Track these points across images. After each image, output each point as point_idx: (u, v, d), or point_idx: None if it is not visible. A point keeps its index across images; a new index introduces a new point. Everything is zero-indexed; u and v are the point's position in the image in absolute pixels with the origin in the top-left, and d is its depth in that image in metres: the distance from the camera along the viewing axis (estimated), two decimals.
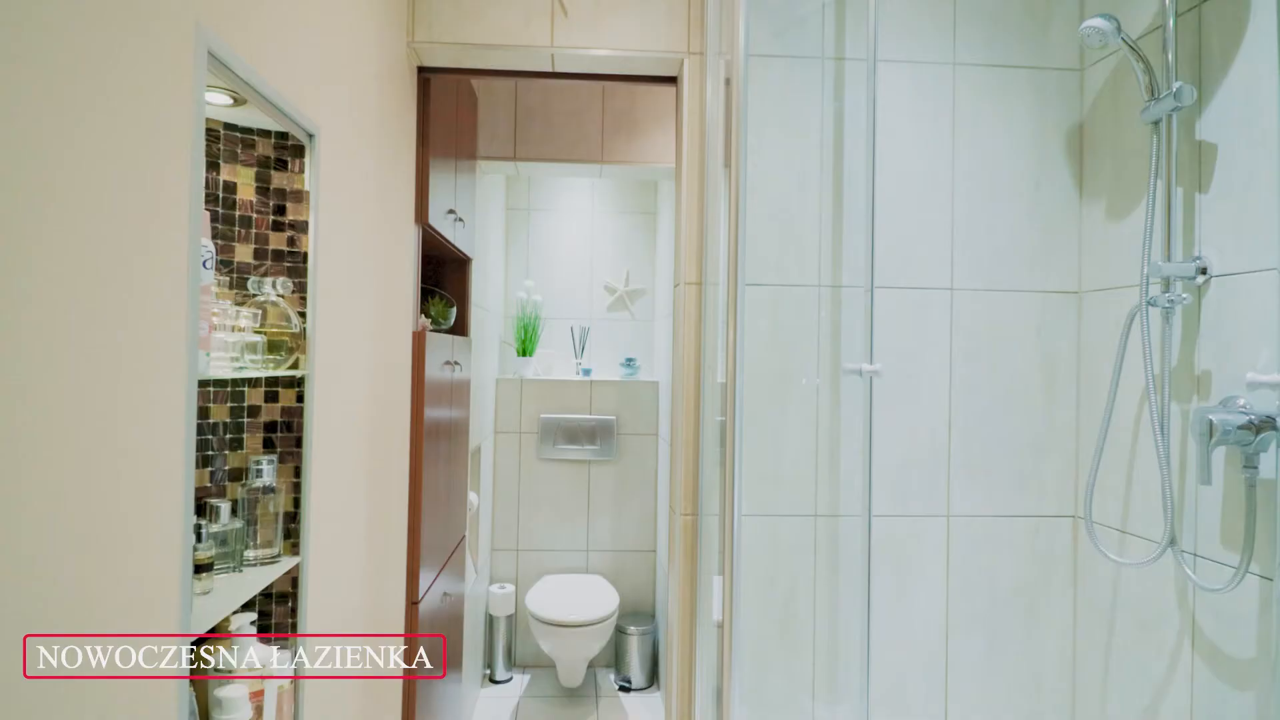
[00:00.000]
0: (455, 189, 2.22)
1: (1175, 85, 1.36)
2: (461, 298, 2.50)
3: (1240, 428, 1.17)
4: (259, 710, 1.01)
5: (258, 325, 1.05)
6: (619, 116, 2.65)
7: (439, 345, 2.02)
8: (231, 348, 0.97)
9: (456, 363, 2.26)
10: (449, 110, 2.08)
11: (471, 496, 2.69)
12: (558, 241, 3.41)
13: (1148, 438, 1.45)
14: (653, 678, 2.98)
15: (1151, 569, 1.43)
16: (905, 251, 1.69)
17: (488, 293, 2.94)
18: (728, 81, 1.59)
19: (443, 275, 2.49)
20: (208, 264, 0.89)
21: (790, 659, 1.67)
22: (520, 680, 3.03)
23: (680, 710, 1.71)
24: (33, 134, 0.56)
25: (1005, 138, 1.71)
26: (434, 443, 1.97)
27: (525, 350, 3.26)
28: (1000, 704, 1.68)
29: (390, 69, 1.57)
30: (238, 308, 1.06)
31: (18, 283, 0.55)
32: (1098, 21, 1.42)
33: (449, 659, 2.21)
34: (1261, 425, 1.15)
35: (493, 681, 3.00)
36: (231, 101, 0.99)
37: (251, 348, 1.01)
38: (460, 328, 2.47)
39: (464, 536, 2.49)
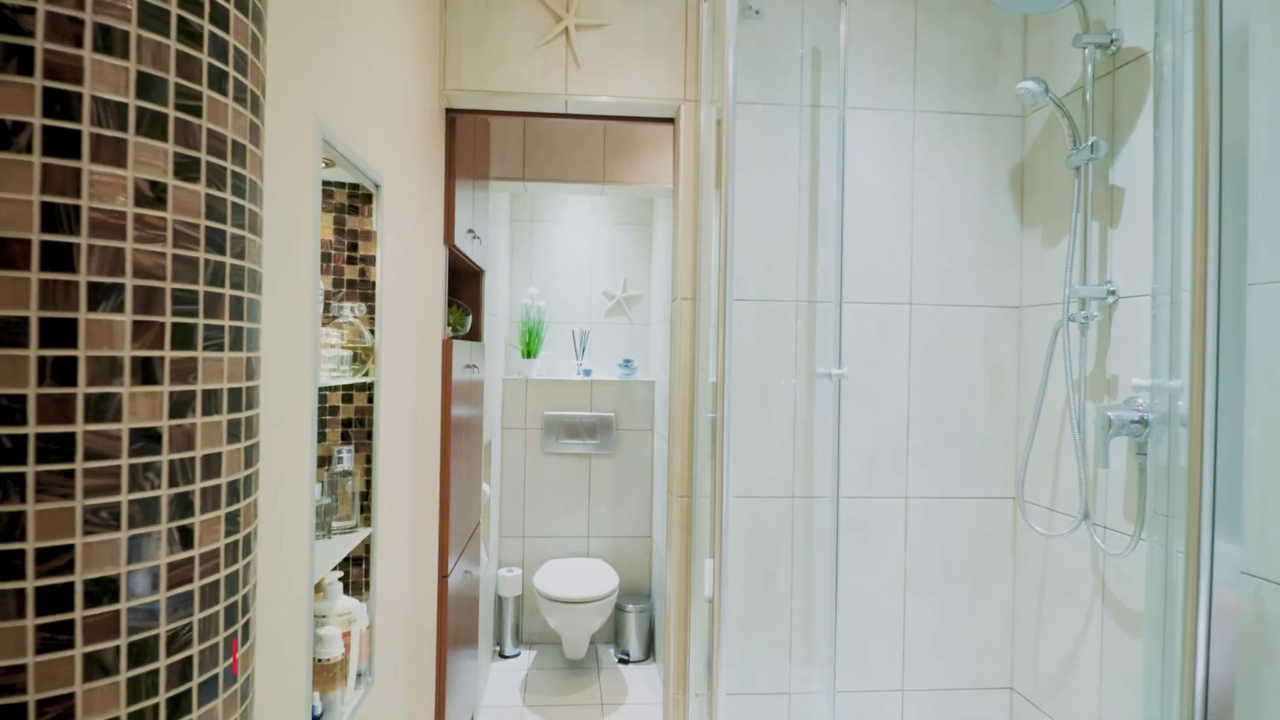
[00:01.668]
0: (473, 210, 2.47)
1: (1091, 139, 1.65)
2: (476, 306, 2.75)
3: (1133, 422, 1.45)
4: (347, 647, 1.27)
5: (343, 342, 1.31)
6: (619, 142, 2.91)
7: (461, 351, 2.27)
8: (329, 361, 1.22)
9: (474, 366, 2.52)
10: (468, 140, 2.33)
11: (485, 487, 2.95)
12: (559, 251, 3.67)
13: (1070, 431, 1.73)
14: (648, 651, 3.26)
15: (1070, 540, 1.72)
16: (871, 271, 1.96)
17: (496, 300, 3.19)
18: (718, 123, 1.85)
19: (459, 286, 2.74)
20: (320, 298, 1.14)
21: (771, 625, 1.94)
22: (528, 655, 3.30)
23: (676, 671, 1.98)
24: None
25: (958, 174, 1.98)
26: (458, 438, 2.23)
27: (529, 352, 3.52)
28: (950, 661, 1.97)
29: (427, 114, 1.82)
30: (325, 329, 1.31)
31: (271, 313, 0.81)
32: (1029, 84, 1.70)
33: (467, 633, 2.47)
34: (1147, 421, 1.44)
35: (502, 656, 3.27)
36: (324, 165, 1.25)
37: (341, 360, 1.27)
38: (475, 334, 2.73)
39: (479, 523, 2.75)
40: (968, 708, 1.96)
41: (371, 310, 1.40)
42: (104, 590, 0.48)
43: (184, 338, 0.52)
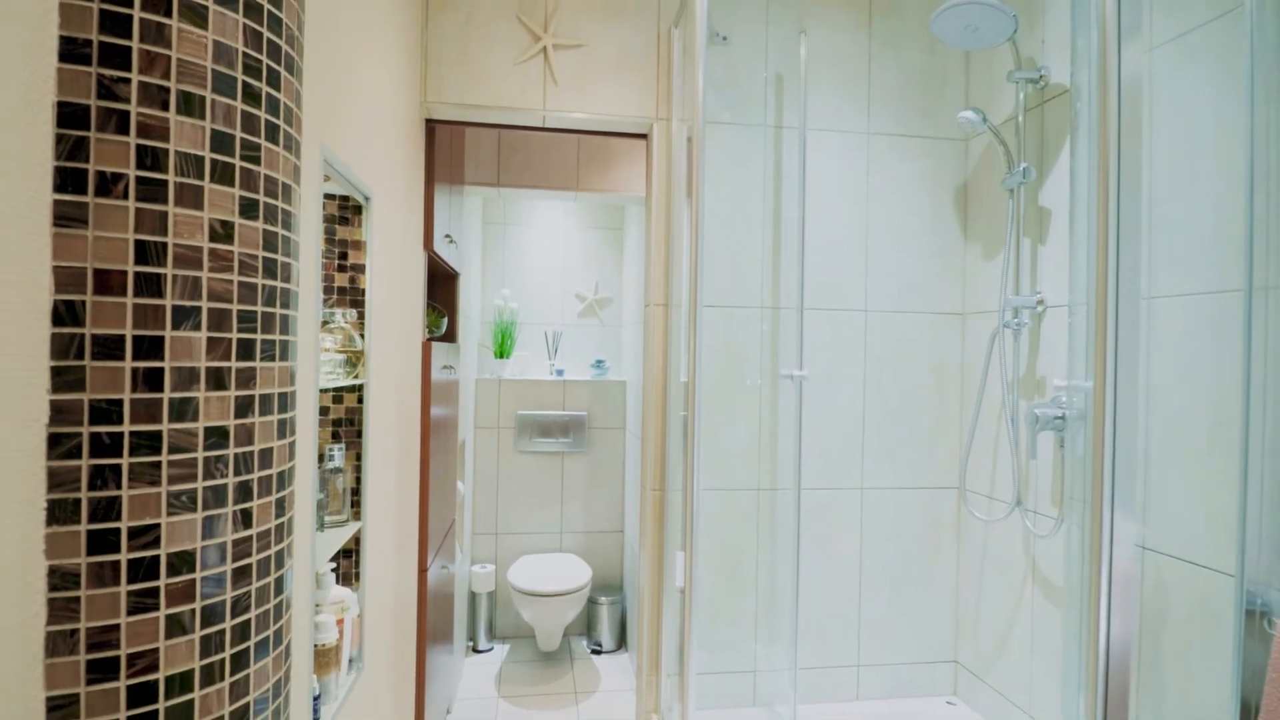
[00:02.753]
0: (450, 215, 2.55)
1: (1023, 164, 1.82)
2: (451, 308, 2.83)
3: (1055, 418, 1.62)
4: (341, 633, 1.35)
5: (336, 347, 1.39)
6: (593, 151, 3.02)
7: (439, 353, 2.36)
8: (325, 365, 1.31)
9: (451, 367, 2.60)
10: (445, 148, 2.41)
11: (459, 485, 3.03)
12: (532, 254, 3.76)
13: (1005, 426, 1.90)
14: (620, 642, 3.38)
15: (1005, 524, 1.89)
16: (829, 280, 2.11)
17: (470, 301, 3.27)
18: (689, 140, 1.98)
19: (435, 288, 2.81)
20: (320, 307, 1.23)
21: (737, 608, 2.08)
22: (501, 649, 3.38)
23: (650, 654, 2.10)
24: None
25: (908, 192, 2.14)
26: (435, 437, 2.31)
27: (502, 353, 3.60)
28: (901, 637, 2.13)
29: (409, 126, 1.91)
30: (320, 334, 1.39)
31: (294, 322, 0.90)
32: (969, 114, 1.87)
33: (443, 627, 2.56)
34: (1066, 417, 1.61)
35: (476, 651, 3.35)
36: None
37: (335, 364, 1.35)
38: (450, 335, 2.80)
39: (455, 520, 2.83)
40: (917, 680, 2.12)
41: (362, 316, 1.48)
42: (183, 562, 0.58)
43: (246, 351, 0.62)
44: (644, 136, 2.17)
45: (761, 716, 2.06)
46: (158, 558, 0.56)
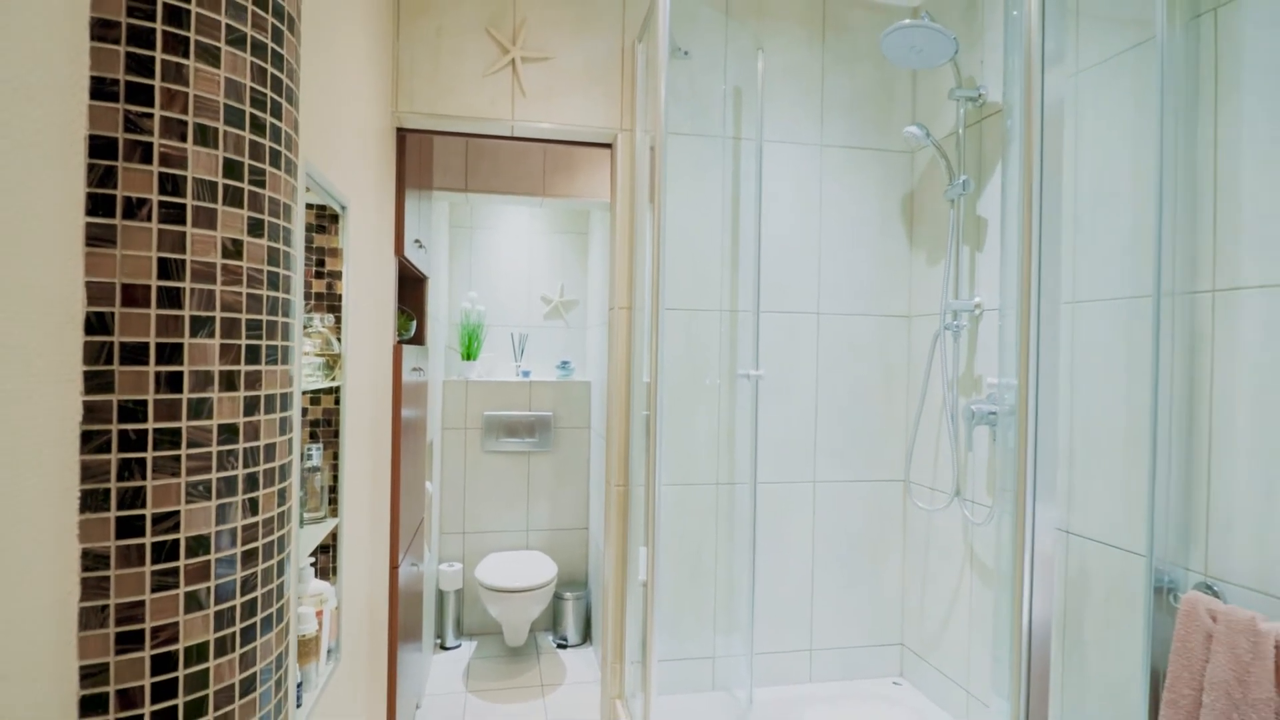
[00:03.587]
0: (419, 220, 2.60)
1: (962, 177, 1.95)
2: (420, 312, 2.87)
3: (989, 413, 1.75)
4: (320, 625, 1.41)
5: (315, 350, 1.44)
6: (559, 158, 3.09)
7: (409, 355, 2.40)
8: (305, 367, 1.36)
9: (420, 369, 2.64)
10: (415, 154, 2.46)
11: (428, 485, 3.07)
12: (498, 257, 3.81)
13: (946, 422, 2.04)
14: (585, 636, 3.45)
15: (946, 514, 2.03)
16: (784, 284, 2.23)
17: (437, 304, 3.31)
18: (652, 149, 2.07)
19: (405, 292, 2.85)
20: (302, 313, 1.28)
21: (697, 599, 2.18)
22: (469, 646, 3.43)
23: (614, 643, 2.19)
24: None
25: (858, 201, 2.27)
26: (406, 438, 2.36)
27: (469, 354, 3.64)
28: (851, 623, 2.26)
29: (381, 135, 1.96)
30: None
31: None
32: (914, 129, 2.00)
33: (412, 625, 2.60)
34: (997, 413, 1.75)
35: (443, 648, 3.39)
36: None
37: (315, 367, 1.40)
38: (419, 338, 2.85)
39: (423, 519, 2.87)
40: (866, 662, 2.25)
41: (339, 320, 1.54)
42: (200, 545, 0.64)
43: (253, 355, 0.68)
44: (609, 146, 2.25)
45: (720, 700, 2.17)
46: (178, 541, 0.63)
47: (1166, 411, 1.41)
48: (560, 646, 3.41)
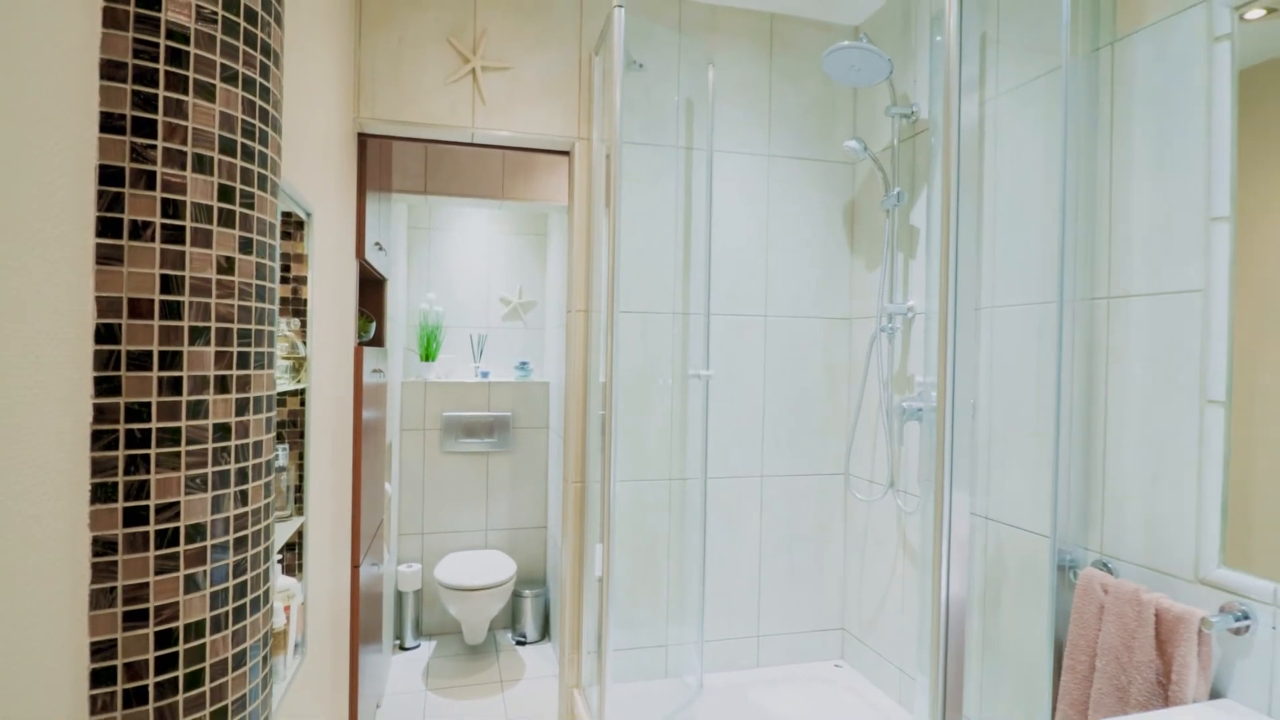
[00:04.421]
0: (379, 222, 2.64)
1: (897, 189, 2.11)
2: (379, 313, 2.91)
3: (918, 410, 1.90)
4: (288, 619, 1.46)
5: (282, 354, 1.49)
6: (518, 163, 3.16)
7: (369, 357, 2.44)
8: (278, 370, 1.41)
9: (380, 370, 2.68)
10: (375, 158, 2.50)
11: (386, 486, 3.10)
12: (457, 258, 3.85)
13: (881, 418, 2.19)
14: (544, 632, 3.53)
15: (882, 504, 2.18)
16: (733, 288, 2.35)
17: (396, 305, 3.34)
18: (608, 158, 2.16)
19: (364, 294, 2.88)
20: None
21: (651, 590, 2.28)
22: (428, 646, 3.47)
23: (572, 635, 2.27)
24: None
25: (803, 209, 2.41)
26: (366, 439, 2.40)
27: (428, 355, 3.67)
28: (796, 609, 2.40)
29: (343, 140, 2.00)
30: None
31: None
32: (852, 143, 2.14)
33: (372, 625, 2.64)
34: (923, 409, 1.90)
35: (403, 649, 3.42)
36: None
37: (282, 369, 1.45)
38: (379, 340, 2.88)
39: (383, 520, 2.91)
40: (809, 647, 2.39)
41: (304, 324, 1.58)
42: (197, 532, 0.71)
43: (244, 361, 0.76)
44: (566, 154, 2.34)
45: (671, 686, 2.28)
46: (178, 529, 0.70)
47: (1069, 408, 1.57)
48: (519, 643, 3.47)
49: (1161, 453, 1.38)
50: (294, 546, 1.59)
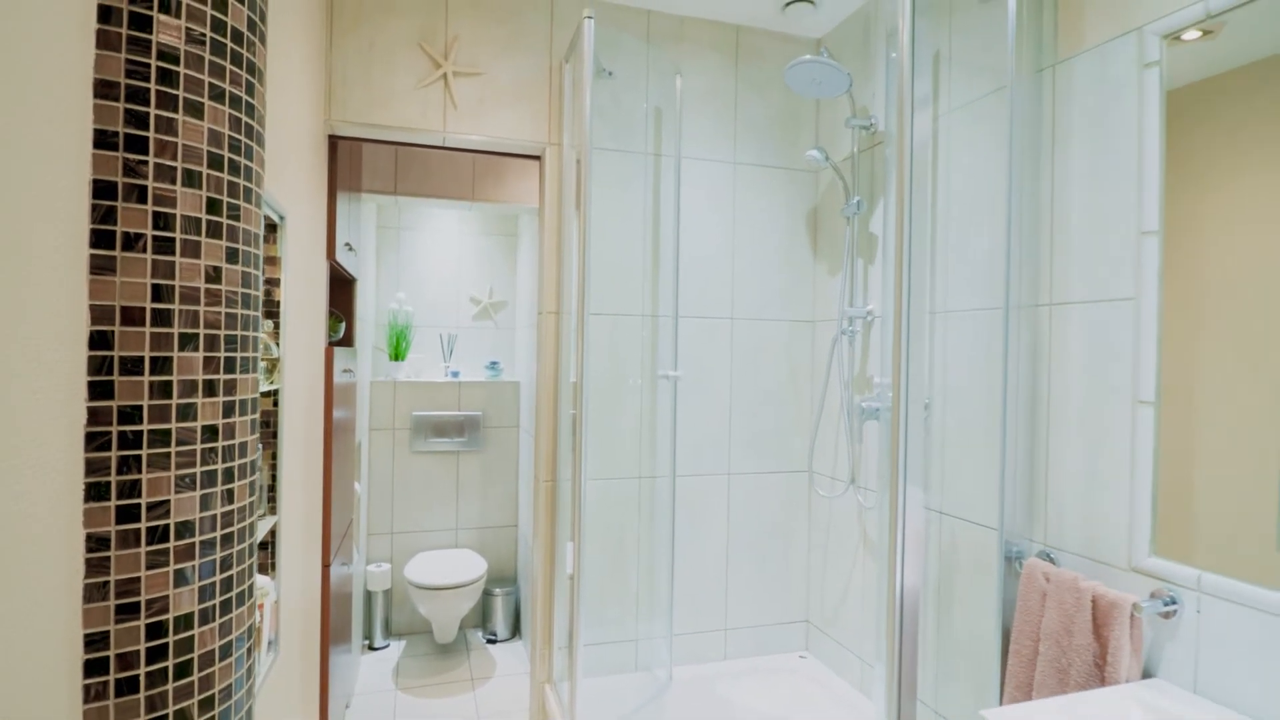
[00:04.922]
0: (349, 223, 2.64)
1: (856, 197, 2.19)
2: (349, 313, 2.91)
3: (876, 409, 1.99)
4: (261, 616, 1.47)
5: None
6: (488, 165, 3.18)
7: (339, 357, 2.45)
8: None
9: (350, 370, 2.69)
10: (345, 158, 2.51)
11: (356, 486, 3.10)
12: (427, 258, 3.85)
13: (843, 417, 2.28)
14: (514, 631, 3.56)
15: (843, 500, 2.27)
16: (701, 291, 2.41)
17: (365, 305, 3.33)
18: (578, 163, 2.21)
19: (334, 294, 2.88)
20: None
21: (620, 586, 2.34)
22: (397, 645, 3.47)
23: (543, 631, 2.32)
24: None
25: (768, 215, 2.49)
26: (337, 439, 2.41)
27: (398, 355, 3.67)
28: (762, 602, 2.47)
29: (315, 142, 2.01)
30: None
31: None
32: (814, 152, 2.23)
33: (341, 625, 2.64)
34: (880, 408, 1.99)
35: (372, 649, 3.42)
36: None
37: (260, 370, 1.47)
38: (348, 339, 2.88)
39: (353, 520, 2.91)
40: (775, 639, 2.47)
41: (277, 326, 1.60)
42: (186, 529, 0.75)
43: (230, 366, 0.79)
44: (537, 158, 2.38)
45: (641, 679, 2.34)
46: (168, 526, 0.73)
47: (1015, 408, 1.66)
48: (490, 642, 3.50)
49: (1098, 450, 1.48)
50: (267, 545, 1.61)
